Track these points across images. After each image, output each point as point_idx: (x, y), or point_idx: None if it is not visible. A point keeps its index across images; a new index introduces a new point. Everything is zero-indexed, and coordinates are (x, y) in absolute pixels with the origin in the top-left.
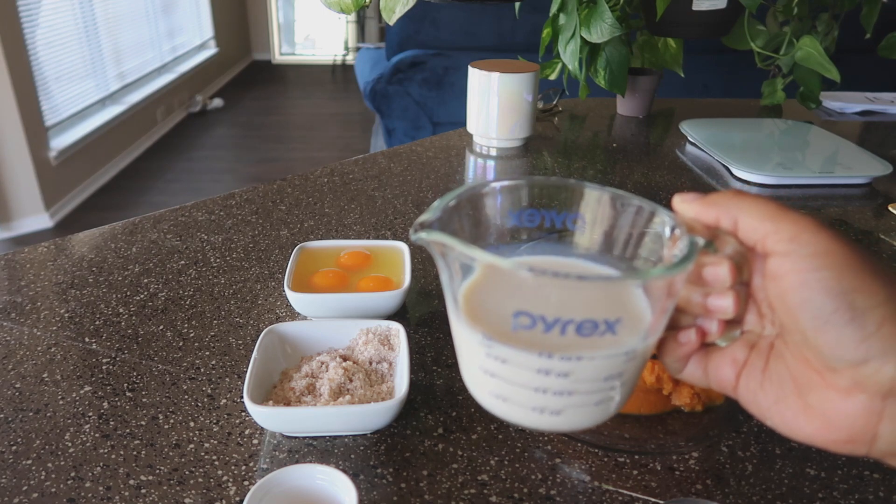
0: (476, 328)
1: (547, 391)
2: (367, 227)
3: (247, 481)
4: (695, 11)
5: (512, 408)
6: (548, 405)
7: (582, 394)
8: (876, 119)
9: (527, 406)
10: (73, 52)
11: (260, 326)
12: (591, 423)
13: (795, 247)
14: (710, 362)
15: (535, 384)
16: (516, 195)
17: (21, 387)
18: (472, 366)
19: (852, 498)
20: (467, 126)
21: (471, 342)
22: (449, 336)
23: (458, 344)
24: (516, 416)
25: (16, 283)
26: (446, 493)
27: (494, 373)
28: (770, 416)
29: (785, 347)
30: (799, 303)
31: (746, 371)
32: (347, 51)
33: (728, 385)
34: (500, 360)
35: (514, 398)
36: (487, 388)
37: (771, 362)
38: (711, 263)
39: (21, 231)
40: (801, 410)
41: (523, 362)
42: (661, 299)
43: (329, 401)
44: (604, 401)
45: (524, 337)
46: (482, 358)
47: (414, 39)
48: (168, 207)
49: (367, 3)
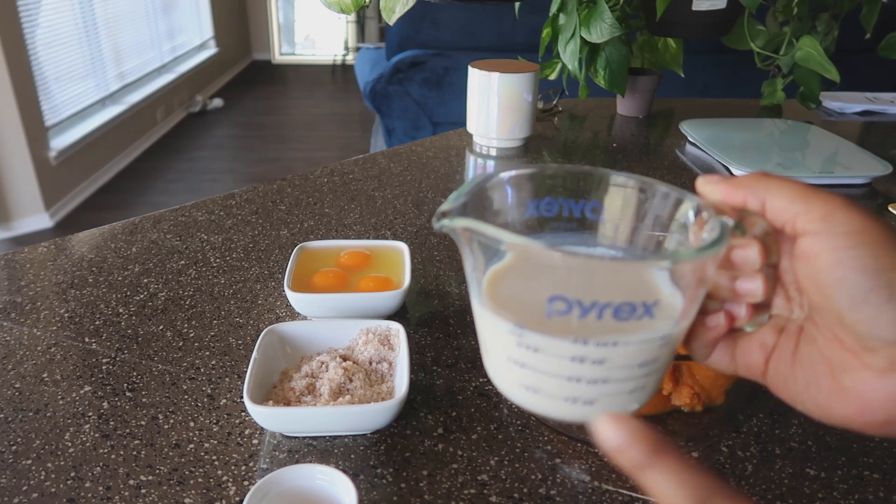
0: (506, 317)
1: (581, 380)
2: (367, 227)
3: (247, 481)
4: (695, 11)
5: (542, 399)
6: (581, 395)
7: (616, 381)
8: (876, 119)
9: (558, 396)
10: (73, 52)
11: (260, 326)
12: (624, 412)
13: (828, 226)
14: (737, 348)
15: (568, 373)
16: (533, 184)
17: (21, 387)
18: (500, 357)
19: (852, 498)
20: (467, 126)
21: (499, 332)
22: (449, 336)
23: (484, 335)
24: (547, 408)
25: (16, 283)
26: (446, 493)
27: (525, 363)
28: (802, 400)
29: (816, 330)
30: (834, 282)
31: (776, 356)
32: (347, 51)
33: (757, 371)
34: (532, 349)
35: (545, 389)
36: (516, 379)
37: (801, 346)
38: (740, 245)
39: (21, 231)
40: (834, 393)
41: (557, 350)
42: (693, 282)
43: (329, 401)
44: (637, 389)
45: (558, 323)
46: (512, 348)
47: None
48: (168, 207)
49: (367, 3)
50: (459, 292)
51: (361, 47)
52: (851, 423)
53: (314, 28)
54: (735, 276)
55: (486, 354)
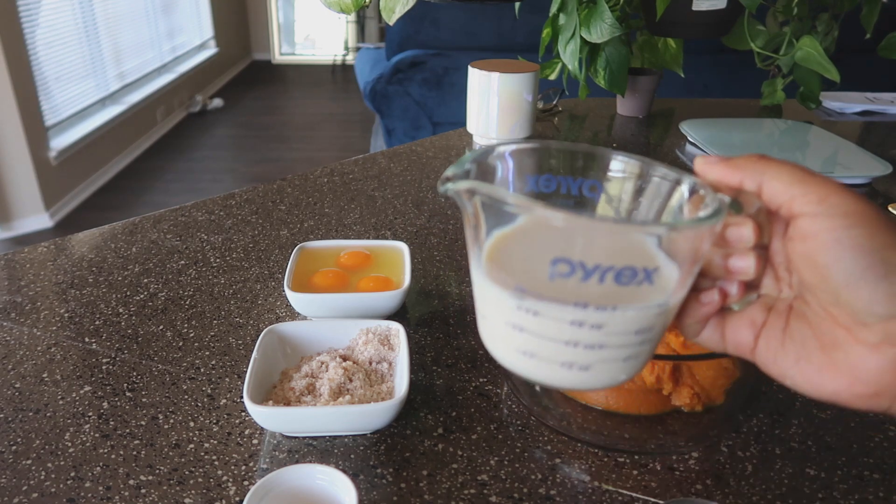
0: (506, 281)
1: (578, 344)
2: (367, 227)
3: (247, 481)
4: (695, 11)
5: (539, 364)
6: (577, 360)
7: (612, 348)
8: (876, 119)
9: (555, 361)
10: (73, 52)
11: (260, 326)
12: (616, 381)
13: (825, 208)
14: (727, 326)
15: (566, 337)
16: (534, 159)
17: (21, 387)
18: (498, 323)
19: (852, 498)
20: (467, 126)
21: (499, 297)
22: (449, 336)
23: (483, 301)
24: (543, 374)
25: (16, 283)
26: (446, 493)
27: (524, 327)
28: (791, 375)
29: (807, 308)
30: (830, 261)
31: (765, 333)
32: (347, 51)
33: (746, 348)
34: (532, 312)
35: (542, 353)
36: (514, 344)
37: (791, 323)
38: (735, 223)
39: (21, 231)
40: (825, 367)
41: (557, 314)
42: (689, 253)
43: (329, 401)
44: (631, 357)
45: (560, 287)
46: (511, 312)
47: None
48: (168, 207)
49: (367, 3)
50: (459, 292)
51: (361, 47)
52: (840, 396)
53: (314, 28)
54: (728, 254)
55: (484, 321)
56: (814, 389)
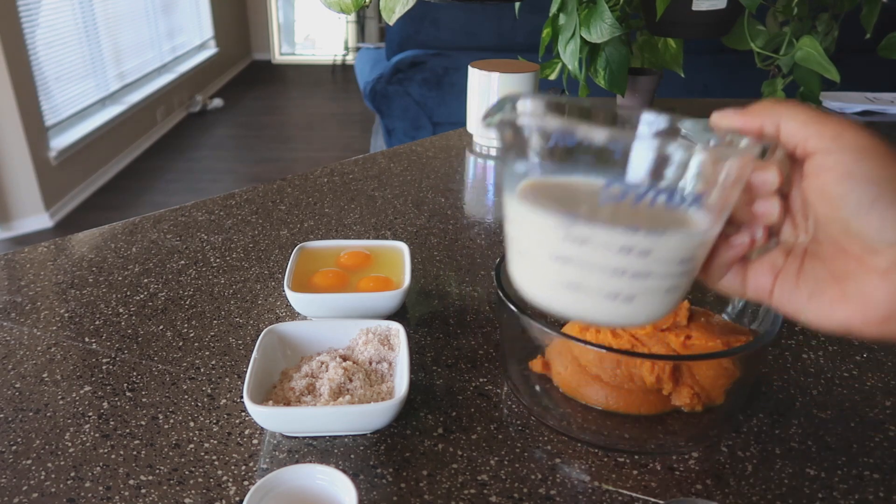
0: (553, 211)
1: (625, 273)
2: (367, 227)
3: (247, 481)
4: (695, 11)
5: (582, 298)
6: (622, 290)
7: (657, 277)
8: (876, 119)
9: (600, 293)
10: (73, 52)
11: (260, 326)
12: (656, 315)
13: (839, 143)
14: (749, 272)
15: (614, 265)
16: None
17: (21, 387)
18: (540, 257)
19: (852, 498)
20: (467, 126)
21: (544, 228)
22: (449, 336)
23: (522, 237)
24: (585, 307)
25: (16, 283)
26: (446, 493)
27: (570, 258)
28: (804, 311)
29: (819, 247)
30: (843, 192)
31: (782, 276)
32: (347, 51)
33: (764, 292)
34: (580, 241)
35: (587, 285)
36: (557, 278)
37: (806, 263)
38: (760, 168)
39: (21, 231)
40: (836, 299)
41: (606, 240)
42: (731, 183)
43: (329, 401)
44: (672, 288)
45: (610, 212)
46: (557, 243)
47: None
48: (168, 207)
49: (367, 3)
50: (459, 292)
51: (361, 47)
52: (851, 324)
53: (314, 28)
54: (753, 199)
55: (521, 259)
56: (825, 322)
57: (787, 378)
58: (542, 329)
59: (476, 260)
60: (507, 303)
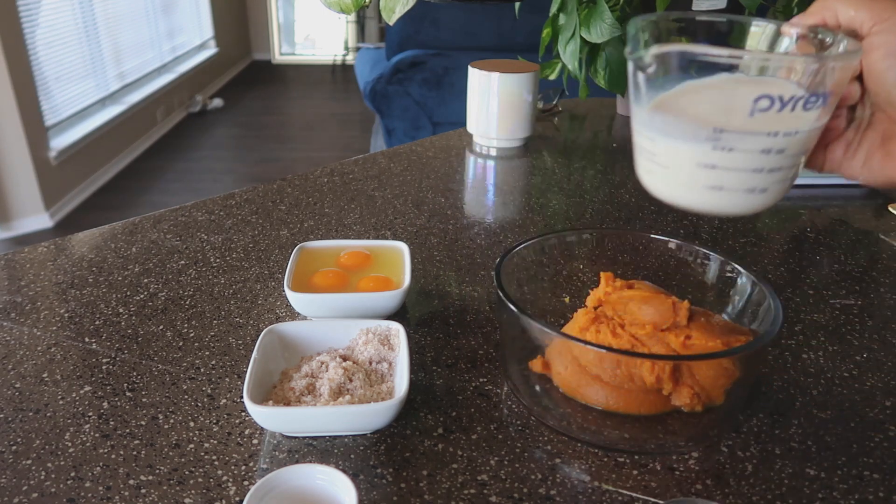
0: (703, 124)
1: (762, 170)
2: (367, 227)
3: (247, 481)
4: (695, 11)
5: (724, 195)
6: (759, 184)
7: (785, 169)
8: None
9: (740, 189)
10: (73, 52)
11: (260, 326)
12: (779, 198)
13: (888, 25)
14: (828, 149)
15: (755, 165)
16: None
17: (21, 387)
18: (684, 167)
19: (852, 498)
20: (467, 126)
21: (694, 140)
22: (449, 336)
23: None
24: (727, 202)
25: (16, 283)
26: (446, 493)
27: (716, 164)
28: (860, 173)
29: (873, 118)
30: (885, 68)
31: (849, 148)
32: (347, 51)
33: (835, 163)
34: (728, 149)
35: (730, 184)
36: (703, 182)
37: (864, 134)
38: None
39: (21, 231)
40: (883, 159)
41: (752, 145)
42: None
43: (329, 401)
44: (791, 176)
45: (757, 121)
46: (706, 153)
47: (414, 39)
48: (168, 207)
49: (367, 3)
50: (459, 292)
51: (361, 47)
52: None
53: (314, 28)
54: None
55: (664, 171)
56: (875, 178)
57: (787, 378)
58: (542, 329)
59: (476, 260)
60: (507, 303)
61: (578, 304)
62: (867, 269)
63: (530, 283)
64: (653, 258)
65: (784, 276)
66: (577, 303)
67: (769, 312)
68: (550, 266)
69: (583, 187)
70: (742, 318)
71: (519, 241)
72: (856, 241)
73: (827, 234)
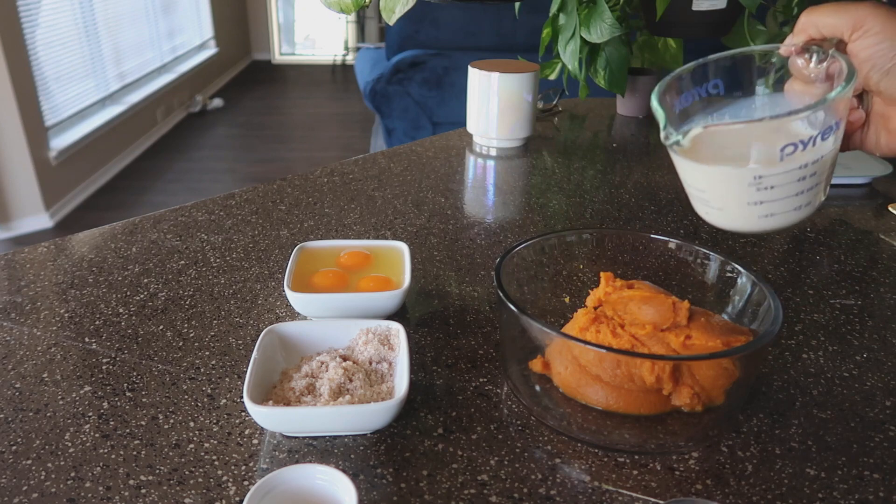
0: (744, 173)
1: (802, 192)
2: (367, 227)
3: (247, 481)
4: (695, 11)
5: (777, 218)
6: (802, 202)
7: (822, 181)
8: None
9: (788, 210)
10: (73, 52)
11: (260, 326)
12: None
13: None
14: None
15: (795, 191)
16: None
17: (21, 387)
18: (739, 207)
19: (852, 498)
20: (467, 126)
21: (739, 187)
22: (449, 336)
23: (720, 199)
24: (781, 222)
25: (16, 283)
26: (446, 493)
27: (763, 200)
28: (871, 147)
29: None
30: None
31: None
32: (347, 51)
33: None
34: (769, 187)
35: (779, 210)
36: (756, 214)
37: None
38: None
39: (21, 231)
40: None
41: (789, 179)
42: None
43: (329, 401)
44: (828, 182)
45: (787, 162)
46: (752, 195)
47: (414, 39)
48: (168, 207)
49: (367, 3)
50: (459, 292)
51: (361, 47)
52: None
53: (314, 28)
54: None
55: (719, 212)
56: (882, 151)
57: (787, 378)
58: (542, 329)
59: (476, 260)
60: (507, 303)
61: (578, 304)
62: (867, 269)
63: (530, 283)
64: (653, 258)
65: (784, 276)
66: (577, 303)
67: (769, 312)
68: (550, 266)
69: (583, 187)
70: (742, 318)
71: (519, 241)
72: (856, 241)
73: (827, 234)
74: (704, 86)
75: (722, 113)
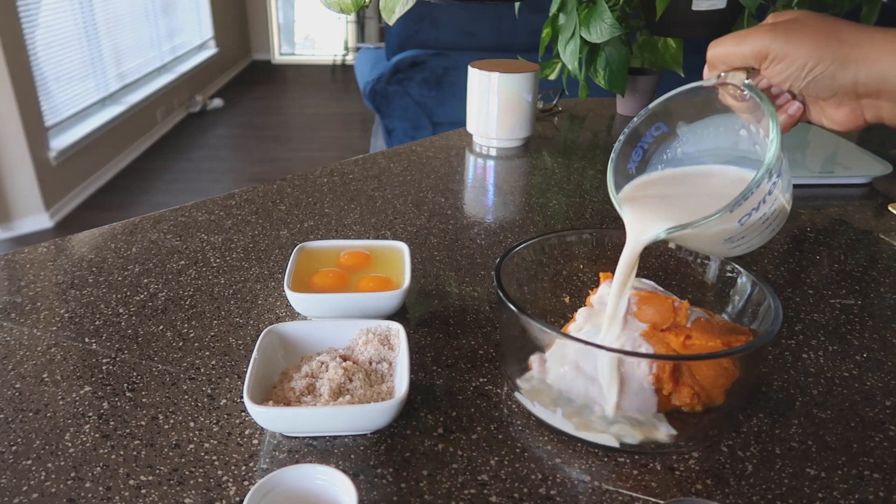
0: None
1: (770, 223)
2: (367, 227)
3: (247, 481)
4: (695, 11)
5: (755, 245)
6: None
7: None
8: None
9: (763, 237)
10: (73, 53)
11: (260, 326)
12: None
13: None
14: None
15: (764, 228)
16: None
17: (21, 387)
18: (722, 253)
19: (852, 498)
20: (467, 126)
21: (717, 247)
22: (449, 336)
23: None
24: (758, 246)
25: (16, 283)
26: (446, 493)
27: (740, 244)
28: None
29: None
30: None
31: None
32: (347, 51)
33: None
34: (740, 237)
35: (755, 242)
36: (738, 251)
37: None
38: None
39: (21, 231)
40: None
41: (755, 229)
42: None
43: (329, 401)
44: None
45: (749, 221)
46: (730, 249)
47: (414, 39)
48: (168, 207)
49: (367, 3)
50: (459, 292)
51: (361, 47)
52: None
53: (314, 28)
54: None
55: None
56: (829, 126)
57: (787, 378)
58: (542, 329)
59: (476, 260)
60: (507, 303)
61: (578, 304)
62: (867, 269)
63: (530, 283)
64: (653, 258)
65: (784, 276)
66: (577, 303)
67: (769, 312)
68: (550, 266)
69: (583, 187)
70: (742, 318)
71: (519, 241)
72: (856, 241)
73: (827, 234)
74: (648, 132)
75: (675, 147)
